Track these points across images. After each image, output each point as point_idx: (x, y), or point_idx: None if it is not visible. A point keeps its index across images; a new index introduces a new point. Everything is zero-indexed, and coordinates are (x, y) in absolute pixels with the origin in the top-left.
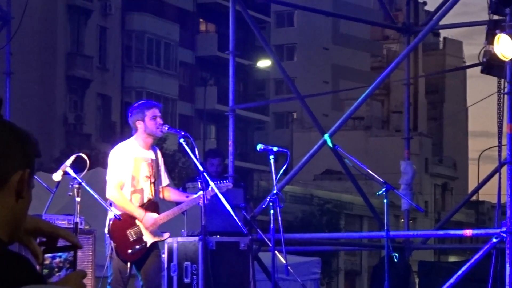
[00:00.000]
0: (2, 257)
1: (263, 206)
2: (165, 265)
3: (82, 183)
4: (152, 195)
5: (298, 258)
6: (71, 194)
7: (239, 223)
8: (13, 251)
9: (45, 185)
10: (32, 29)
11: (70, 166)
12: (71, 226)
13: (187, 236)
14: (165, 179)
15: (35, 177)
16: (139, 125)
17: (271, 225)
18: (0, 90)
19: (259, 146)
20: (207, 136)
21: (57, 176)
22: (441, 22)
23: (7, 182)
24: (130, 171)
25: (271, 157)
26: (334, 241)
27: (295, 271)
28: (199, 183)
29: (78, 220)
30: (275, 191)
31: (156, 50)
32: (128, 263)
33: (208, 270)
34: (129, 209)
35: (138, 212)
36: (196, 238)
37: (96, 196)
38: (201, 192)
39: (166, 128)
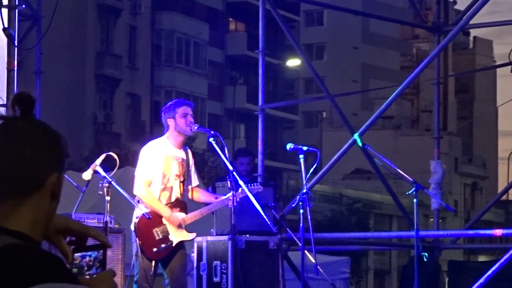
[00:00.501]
0: (36, 257)
1: (293, 205)
2: (195, 264)
3: (112, 182)
4: (180, 194)
5: (328, 257)
6: (101, 193)
7: (269, 222)
8: (47, 251)
9: (75, 184)
10: (62, 28)
11: (100, 165)
12: (101, 225)
13: (217, 235)
14: (195, 180)
15: (65, 176)
16: (170, 123)
17: (301, 224)
18: (31, 89)
19: (289, 146)
20: (237, 135)
21: (87, 175)
22: (471, 22)
23: (44, 184)
24: (160, 169)
25: (301, 156)
26: (364, 241)
27: (324, 271)
28: (228, 182)
29: (108, 219)
30: (304, 190)
31: (185, 49)
32: (153, 262)
33: (237, 269)
34: (156, 207)
35: (165, 211)
36: (226, 237)
37: (126, 195)
38: (230, 194)
39: (196, 127)
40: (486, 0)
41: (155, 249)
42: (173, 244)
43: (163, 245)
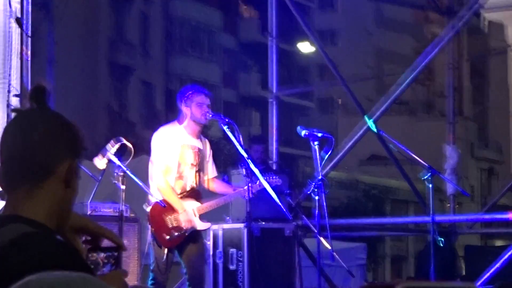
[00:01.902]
0: (53, 244)
1: (308, 192)
2: (211, 252)
3: (127, 171)
4: (195, 184)
5: (344, 244)
6: (115, 182)
7: (284, 210)
8: (62, 241)
9: (90, 174)
10: (75, 17)
11: (114, 154)
12: (116, 213)
13: (232, 222)
14: (212, 171)
15: (80, 165)
16: (187, 111)
17: (316, 211)
18: (44, 79)
19: (303, 132)
20: (251, 123)
21: (101, 164)
22: (485, 5)
23: (56, 172)
24: (176, 157)
25: (315, 143)
26: (380, 227)
27: (340, 257)
28: (243, 169)
29: (123, 207)
30: (319, 177)
31: (198, 36)
32: (165, 250)
33: (253, 256)
34: (171, 200)
35: (179, 206)
36: (241, 224)
37: (141, 184)
38: (246, 187)
39: (210, 115)
40: None
41: (167, 237)
42: (187, 233)
43: (176, 233)
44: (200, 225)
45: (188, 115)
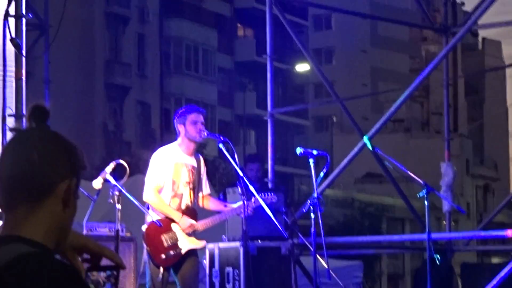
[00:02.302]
0: (51, 264)
1: (304, 210)
2: (207, 271)
3: (122, 190)
4: (191, 202)
5: (340, 262)
6: (111, 201)
7: (280, 228)
8: (62, 261)
9: (86, 193)
10: (71, 37)
11: (110, 174)
12: (112, 233)
13: (228, 241)
14: (206, 188)
15: None
16: (181, 129)
17: (312, 229)
18: (40, 99)
19: (299, 150)
20: (247, 141)
21: (97, 183)
22: (480, 22)
23: (54, 191)
24: (170, 175)
25: (311, 160)
26: (376, 244)
27: (337, 275)
28: (239, 188)
29: (119, 227)
30: (315, 195)
31: (194, 56)
32: (161, 269)
33: (249, 275)
34: (166, 211)
35: (176, 214)
36: (237, 243)
37: (137, 203)
38: (241, 202)
39: (205, 133)
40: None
41: (163, 256)
42: (182, 251)
43: (171, 252)
44: (196, 244)
45: (182, 133)
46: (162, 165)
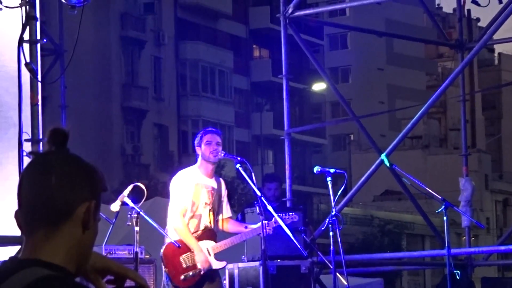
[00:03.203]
0: (70, 287)
1: (322, 228)
2: None
3: (141, 213)
4: (210, 223)
5: (360, 279)
6: (130, 224)
7: (299, 247)
8: (82, 284)
9: (104, 217)
10: (86, 62)
11: (128, 196)
12: (131, 256)
13: (248, 261)
14: (227, 211)
15: None
16: (198, 151)
17: (331, 247)
18: (57, 124)
19: (316, 169)
20: (265, 162)
21: (115, 206)
22: (495, 37)
23: (74, 214)
24: (190, 196)
25: (329, 179)
26: (396, 261)
27: None
28: (257, 208)
29: (138, 249)
30: (333, 213)
31: (210, 77)
32: None
33: None
34: (188, 241)
35: (196, 247)
36: (257, 263)
37: (155, 225)
38: (259, 224)
39: (222, 154)
40: (508, 14)
41: (182, 277)
42: (202, 272)
43: (190, 273)
44: (215, 264)
45: (200, 155)
46: (184, 188)
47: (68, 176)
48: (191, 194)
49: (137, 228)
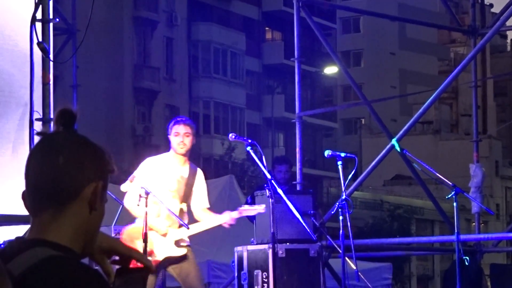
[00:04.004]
0: (76, 268)
1: (332, 212)
2: (235, 274)
3: (151, 193)
4: (173, 209)
5: (369, 264)
6: (139, 204)
7: (309, 230)
8: (88, 266)
9: (114, 197)
10: (99, 42)
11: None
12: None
13: (257, 244)
14: (202, 201)
15: None
16: (170, 140)
17: (341, 231)
18: (68, 103)
19: (327, 152)
20: (276, 144)
21: (125, 187)
22: (508, 23)
23: (81, 194)
24: (151, 182)
25: (339, 162)
26: (405, 246)
27: (366, 277)
28: (267, 190)
29: (146, 230)
30: (343, 197)
31: (222, 59)
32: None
33: (278, 277)
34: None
35: (159, 227)
36: (266, 246)
37: (165, 205)
38: (223, 215)
39: (233, 136)
40: None
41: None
42: (159, 259)
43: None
44: (174, 252)
45: (171, 143)
46: (144, 173)
47: (75, 157)
48: (156, 180)
49: (146, 209)
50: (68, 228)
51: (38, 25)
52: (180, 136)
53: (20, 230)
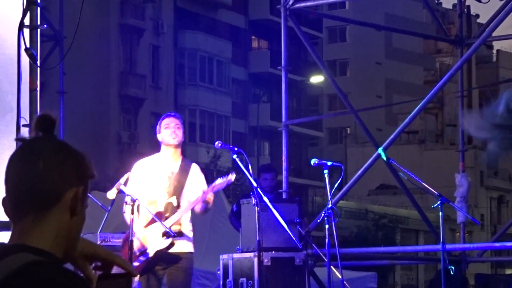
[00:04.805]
0: (57, 273)
1: (318, 221)
2: (221, 282)
3: (137, 201)
4: (167, 208)
5: (354, 273)
6: (125, 212)
7: (294, 239)
8: (70, 270)
9: (100, 204)
10: (85, 49)
11: (124, 184)
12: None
13: (242, 252)
14: (195, 195)
15: (90, 196)
16: (159, 138)
17: (326, 239)
18: (54, 109)
19: (313, 161)
20: (261, 153)
21: (111, 194)
22: (494, 34)
23: (61, 200)
24: (144, 183)
25: (325, 171)
26: (390, 255)
27: (351, 286)
28: (253, 198)
29: (132, 238)
30: (329, 206)
31: (208, 67)
32: (137, 277)
33: (263, 286)
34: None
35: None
36: (251, 254)
37: (151, 213)
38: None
39: (220, 144)
40: (508, 12)
41: (136, 263)
42: (151, 254)
43: (141, 258)
44: (161, 244)
45: (160, 140)
46: (137, 174)
47: (55, 162)
48: (146, 181)
49: (133, 216)
50: (49, 233)
51: (26, 31)
52: (171, 128)
53: (2, 237)
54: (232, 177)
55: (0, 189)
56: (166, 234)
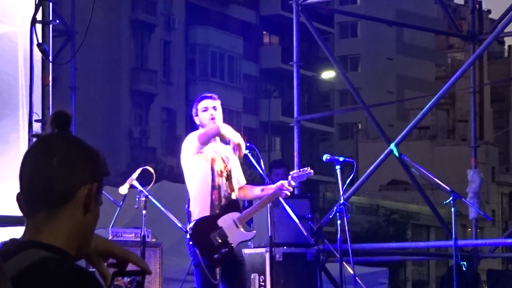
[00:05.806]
0: (68, 270)
1: (330, 216)
2: None
3: (149, 196)
4: (229, 193)
5: (366, 268)
6: (137, 207)
7: (306, 234)
8: (82, 267)
9: (112, 199)
10: (97, 44)
11: (136, 179)
12: (138, 239)
13: (254, 247)
14: (242, 179)
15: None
16: (197, 121)
17: (338, 235)
18: (66, 105)
19: (325, 157)
20: (272, 148)
21: (123, 189)
22: (506, 30)
23: (75, 196)
24: (208, 164)
25: (337, 167)
26: (402, 251)
27: (362, 282)
28: None
29: (145, 233)
30: (341, 201)
31: (220, 63)
32: (217, 269)
33: (275, 281)
34: (208, 129)
35: (213, 126)
36: (263, 249)
37: (162, 209)
38: (279, 182)
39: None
40: None
41: (216, 256)
42: (234, 246)
43: (223, 250)
44: (246, 235)
45: (199, 123)
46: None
47: (69, 159)
48: (209, 161)
49: (144, 211)
50: (62, 230)
51: (38, 27)
52: (211, 109)
53: (17, 232)
54: (309, 170)
55: (15, 184)
56: (240, 225)
